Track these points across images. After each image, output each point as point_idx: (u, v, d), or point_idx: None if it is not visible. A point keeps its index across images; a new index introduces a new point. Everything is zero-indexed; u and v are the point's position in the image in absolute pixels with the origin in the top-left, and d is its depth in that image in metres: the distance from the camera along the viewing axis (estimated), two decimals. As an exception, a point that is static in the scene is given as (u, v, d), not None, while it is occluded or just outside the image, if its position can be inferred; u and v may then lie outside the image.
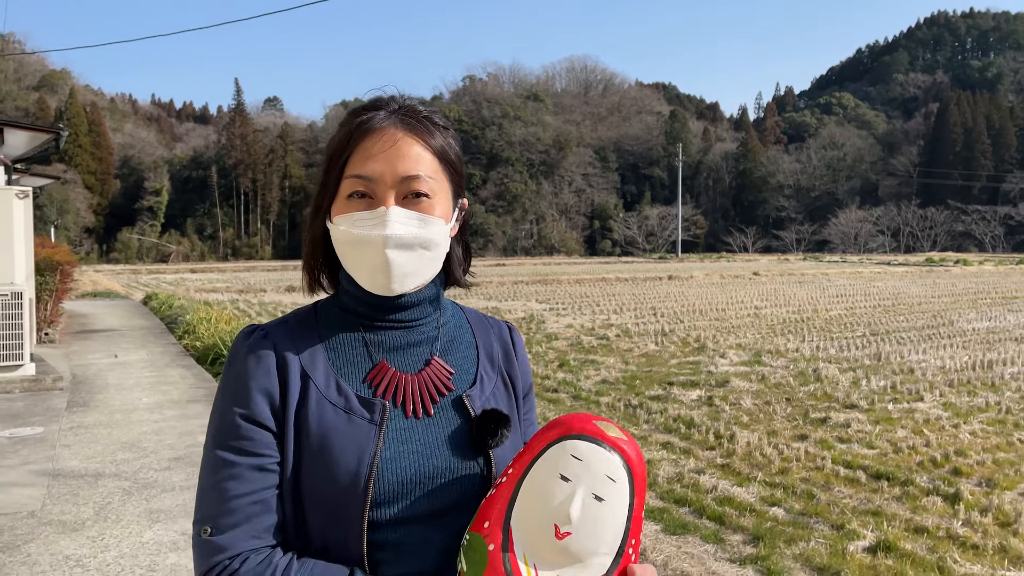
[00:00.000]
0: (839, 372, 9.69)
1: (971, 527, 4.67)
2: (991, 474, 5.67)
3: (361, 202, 1.01)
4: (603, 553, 0.92)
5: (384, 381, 1.03)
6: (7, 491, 4.47)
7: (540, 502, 0.92)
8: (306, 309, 1.10)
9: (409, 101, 1.07)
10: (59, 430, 5.95)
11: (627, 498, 0.93)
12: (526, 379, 1.19)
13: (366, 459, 0.96)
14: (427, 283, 1.07)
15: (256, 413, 0.98)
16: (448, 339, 1.11)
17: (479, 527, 0.94)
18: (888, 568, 4.08)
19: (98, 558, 3.47)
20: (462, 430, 1.03)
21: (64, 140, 10.14)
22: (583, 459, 0.92)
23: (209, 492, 0.96)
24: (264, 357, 1.01)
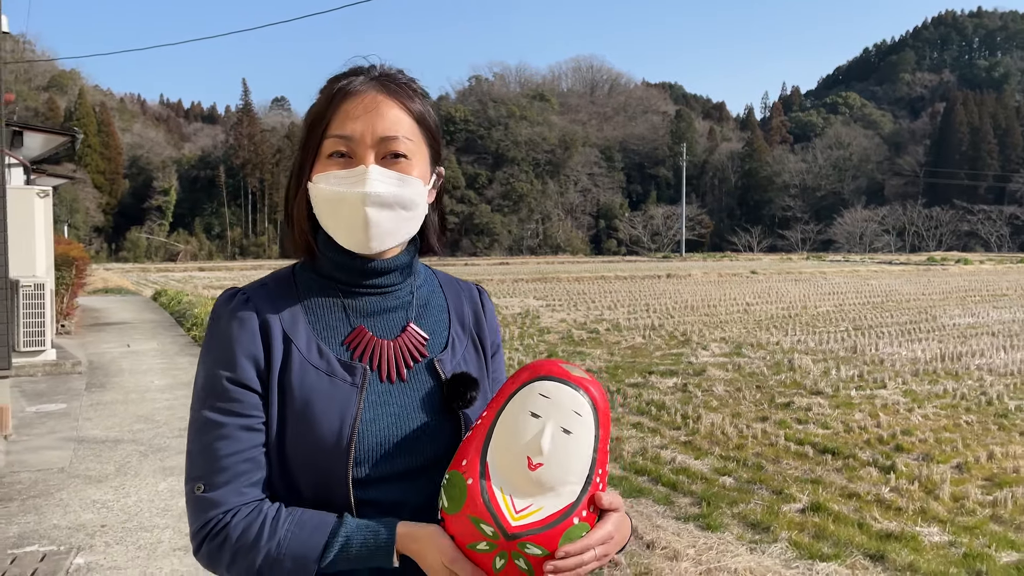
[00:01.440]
0: (812, 363, 10.19)
1: (898, 493, 5.19)
2: (930, 450, 6.18)
3: (341, 161, 1.03)
4: (572, 482, 0.97)
5: (362, 345, 1.06)
6: (38, 453, 5.10)
7: (513, 438, 0.97)
8: (284, 272, 1.13)
9: (389, 68, 1.09)
10: (80, 406, 6.58)
11: (593, 431, 0.99)
12: (495, 338, 1.22)
13: (348, 420, 1.00)
14: (404, 245, 1.10)
15: (242, 375, 1.01)
16: (422, 304, 1.14)
17: (458, 465, 0.99)
18: (813, 524, 4.61)
19: (120, 502, 4.09)
20: (434, 393, 1.08)
21: (79, 142, 10.70)
22: (550, 396, 0.98)
23: (200, 452, 1.00)
24: (247, 320, 1.03)
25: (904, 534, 4.44)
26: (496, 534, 0.94)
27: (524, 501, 0.96)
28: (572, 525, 0.96)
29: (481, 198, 75.59)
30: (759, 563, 4.02)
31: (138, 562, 3.39)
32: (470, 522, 0.95)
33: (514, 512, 0.95)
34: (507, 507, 0.96)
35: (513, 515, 0.95)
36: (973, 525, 4.61)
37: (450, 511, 0.97)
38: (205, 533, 0.97)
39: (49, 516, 3.96)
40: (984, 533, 4.48)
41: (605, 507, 1.00)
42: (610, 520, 1.00)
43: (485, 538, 0.95)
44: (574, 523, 0.96)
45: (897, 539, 4.38)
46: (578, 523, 0.97)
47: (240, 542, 0.95)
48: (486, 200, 75.16)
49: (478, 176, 76.74)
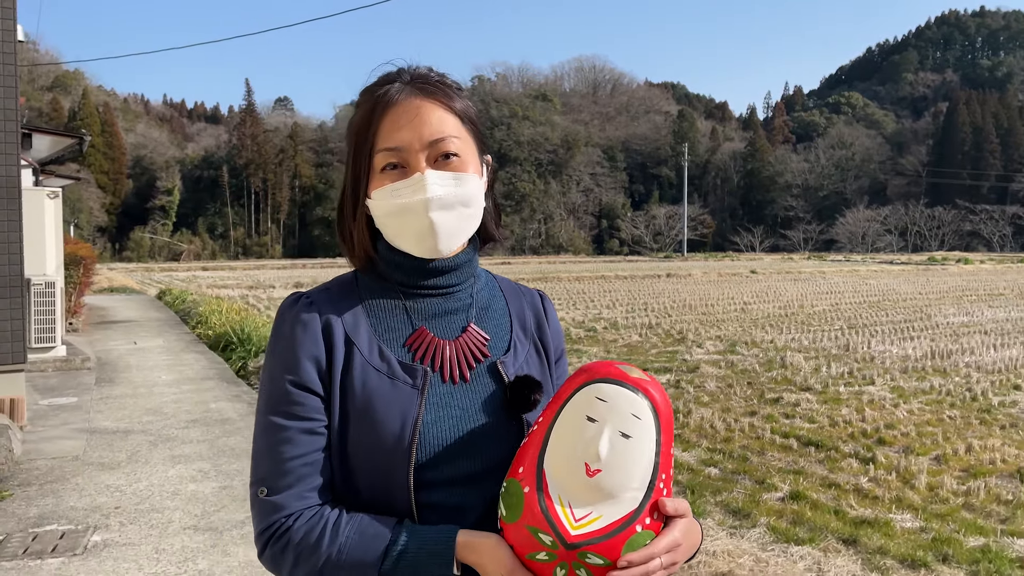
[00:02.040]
0: (804, 360, 10.40)
1: (876, 482, 5.40)
2: (911, 443, 6.39)
3: (395, 173, 1.04)
4: (634, 488, 0.94)
5: (423, 346, 1.06)
6: (53, 442, 5.35)
7: (570, 444, 0.95)
8: (347, 276, 1.14)
9: (418, 69, 1.09)
10: (91, 400, 6.83)
11: (654, 434, 0.96)
12: (558, 345, 1.21)
13: (409, 422, 1.00)
14: (467, 242, 1.11)
15: (305, 379, 1.01)
16: (482, 306, 1.14)
17: (515, 473, 0.98)
18: (792, 511, 4.82)
19: (132, 487, 4.33)
20: (497, 395, 1.07)
21: (86, 144, 10.93)
22: (607, 400, 0.96)
23: (264, 455, 1.01)
24: (310, 324, 1.04)
25: (878, 520, 4.65)
26: (555, 544, 0.92)
27: (583, 509, 0.94)
28: (635, 533, 0.93)
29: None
30: (736, 546, 4.24)
31: (151, 540, 3.64)
32: (528, 532, 0.93)
33: (573, 521, 0.93)
34: (566, 516, 0.93)
35: (572, 524, 0.93)
36: (945, 512, 4.82)
37: (508, 520, 0.96)
38: (268, 536, 0.99)
39: (66, 499, 4.23)
40: (955, 520, 4.68)
41: (670, 513, 0.97)
42: (676, 526, 0.97)
43: (544, 548, 0.93)
44: (637, 531, 0.93)
45: (871, 525, 4.59)
46: (641, 531, 0.94)
47: (302, 546, 0.96)
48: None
49: None
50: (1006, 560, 4.05)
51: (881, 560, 4.08)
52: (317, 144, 79.34)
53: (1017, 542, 4.33)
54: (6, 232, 5.40)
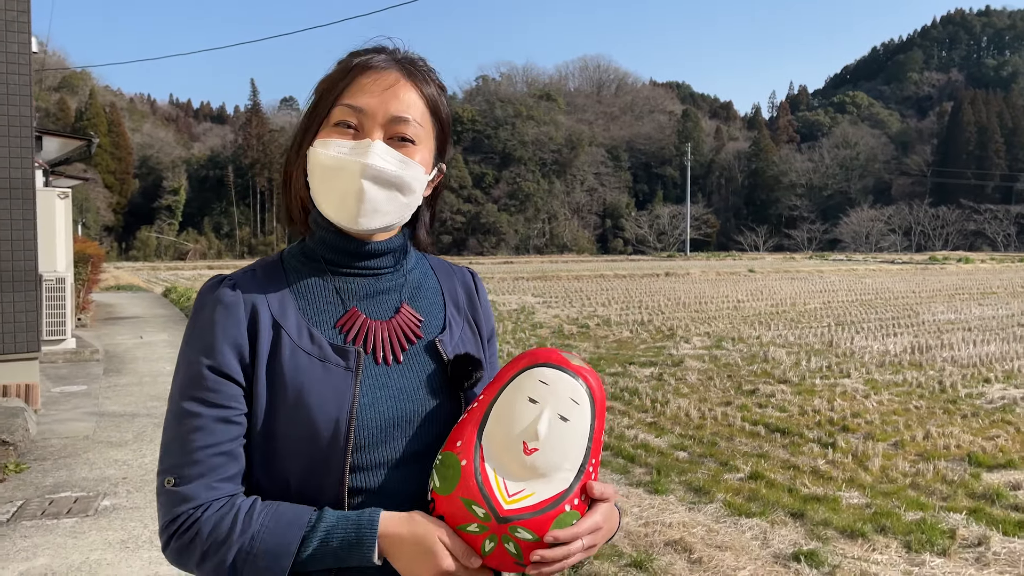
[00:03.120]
0: (786, 355, 10.75)
1: (833, 465, 5.76)
2: (873, 430, 6.74)
3: (347, 132, 1.01)
4: (566, 469, 0.97)
5: (355, 327, 1.04)
6: (66, 424, 5.79)
7: (510, 422, 0.98)
8: (272, 258, 1.10)
9: (411, 53, 1.08)
10: (99, 388, 7.29)
11: (589, 419, 0.99)
12: (489, 323, 1.20)
13: (345, 406, 0.97)
14: (394, 230, 1.08)
15: (223, 365, 0.98)
16: (414, 286, 1.12)
17: (452, 446, 0.99)
18: (749, 489, 5.19)
19: (138, 461, 4.76)
20: (436, 374, 1.06)
21: (95, 147, 11.34)
22: (549, 383, 0.99)
23: (174, 443, 0.96)
24: (232, 307, 1.01)
25: (827, 497, 5.02)
26: (488, 516, 0.94)
27: (517, 485, 0.96)
28: (563, 512, 0.96)
29: (488, 197, 76.10)
30: (692, 518, 4.62)
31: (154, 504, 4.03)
32: (462, 503, 0.95)
33: (507, 496, 0.96)
34: (500, 490, 0.96)
35: (506, 498, 0.95)
36: (892, 491, 5.18)
37: (442, 491, 0.97)
38: (174, 529, 0.93)
39: (78, 471, 4.67)
40: (900, 497, 5.04)
41: (596, 496, 1.00)
42: (599, 510, 0.99)
43: (476, 520, 0.95)
44: (565, 510, 0.96)
45: (820, 501, 4.95)
46: (569, 510, 0.97)
47: (211, 538, 0.92)
48: (492, 200, 75.61)
49: (485, 176, 77.30)
50: (938, 531, 4.41)
51: (823, 531, 4.45)
52: (322, 144, 79.78)
53: (952, 516, 4.69)
54: (21, 231, 5.82)
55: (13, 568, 3.28)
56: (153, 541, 3.62)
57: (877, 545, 4.28)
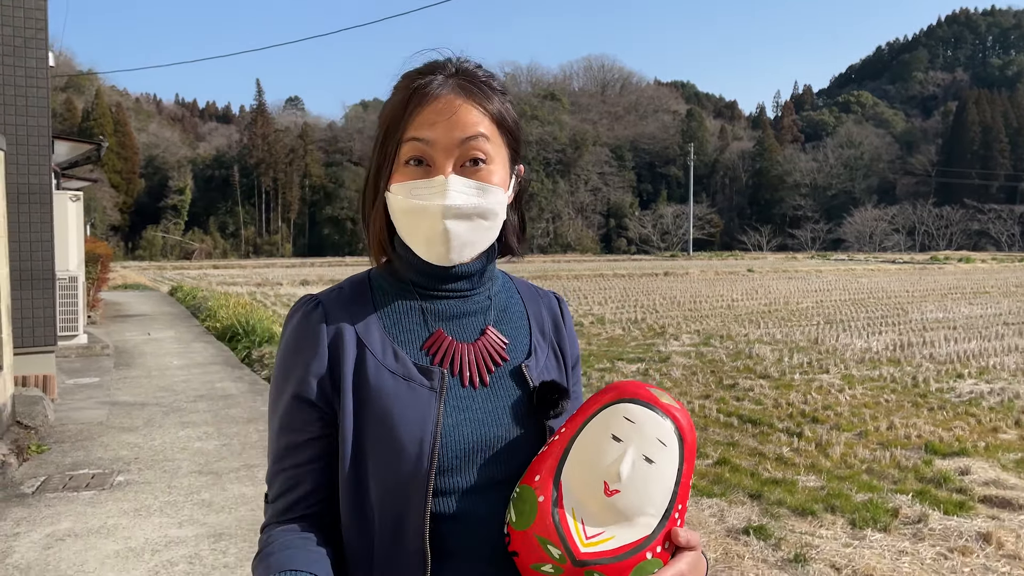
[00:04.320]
0: (770, 351, 11.12)
1: (796, 452, 6.14)
2: (840, 421, 7.11)
3: (419, 170, 1.00)
4: (650, 514, 0.93)
5: (441, 349, 1.04)
6: (81, 412, 6.26)
7: (591, 460, 0.94)
8: (360, 277, 1.11)
9: (465, 64, 1.06)
10: (111, 380, 7.77)
11: (676, 463, 0.95)
12: (574, 350, 1.19)
13: (429, 426, 0.97)
14: (480, 254, 1.07)
15: (302, 389, 1.00)
16: (500, 309, 1.12)
17: (530, 480, 0.96)
18: (715, 473, 5.58)
19: (149, 444, 5.22)
20: (521, 400, 1.04)
21: (104, 150, 11.75)
22: (635, 421, 0.94)
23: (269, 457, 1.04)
24: (316, 329, 1.02)
25: (786, 480, 5.40)
26: (563, 558, 0.91)
27: (596, 528, 0.93)
28: (645, 560, 0.92)
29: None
30: (656, 499, 5.01)
31: (164, 479, 4.51)
32: (537, 541, 0.93)
33: (584, 538, 0.92)
34: (577, 532, 0.92)
35: (583, 541, 0.92)
36: (847, 476, 5.56)
37: (517, 527, 0.94)
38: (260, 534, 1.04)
39: (94, 452, 5.14)
40: (854, 481, 5.42)
41: (682, 544, 0.96)
42: (684, 559, 0.95)
43: (552, 560, 0.92)
44: (647, 558, 0.93)
45: (778, 484, 5.34)
46: (651, 558, 0.93)
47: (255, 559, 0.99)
48: (496, 199, 75.92)
49: None
50: (882, 510, 4.79)
51: (777, 509, 4.84)
52: (327, 144, 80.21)
53: (899, 497, 5.07)
54: (40, 232, 6.26)
55: (40, 530, 3.76)
56: (163, 510, 4.10)
57: (825, 522, 4.67)
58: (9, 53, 5.84)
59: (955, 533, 4.47)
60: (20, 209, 6.06)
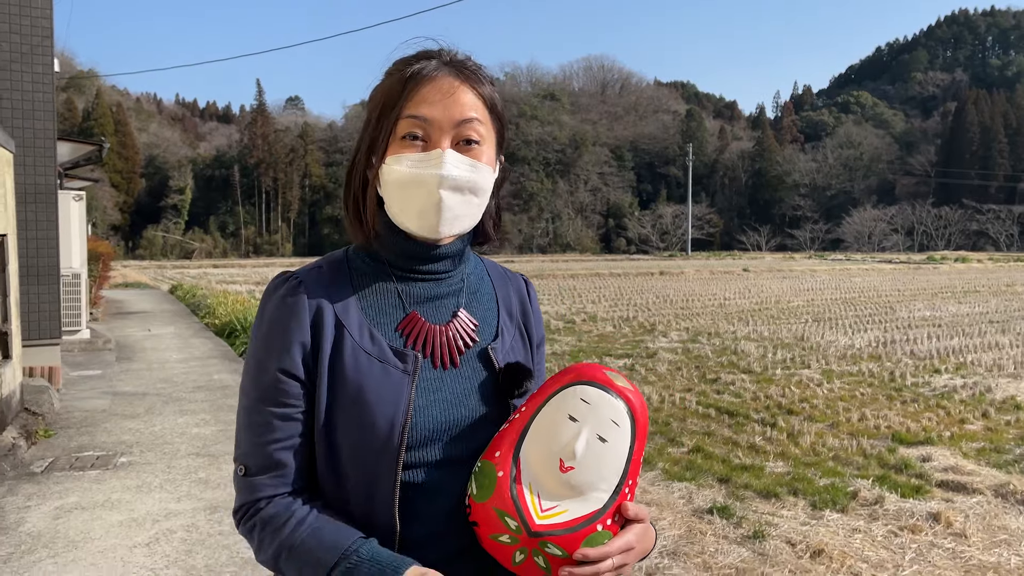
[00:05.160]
0: (755, 348, 11.39)
1: (768, 441, 6.41)
2: (814, 413, 7.37)
3: (416, 144, 1.03)
4: (602, 489, 0.99)
5: (415, 331, 1.07)
6: (85, 401, 6.58)
7: (548, 438, 0.99)
8: (338, 255, 1.13)
9: (456, 54, 1.09)
10: (113, 372, 8.11)
11: (628, 442, 1.01)
12: (539, 331, 1.24)
13: (401, 407, 1.01)
14: (466, 231, 1.10)
15: (287, 363, 1.02)
16: (472, 291, 1.15)
17: (491, 456, 1.01)
18: (688, 460, 5.85)
19: (149, 429, 5.55)
20: (488, 381, 1.09)
21: (106, 151, 12.02)
22: (591, 403, 1.00)
23: (242, 433, 1.04)
24: (297, 305, 1.04)
25: (754, 466, 5.67)
26: (519, 529, 0.96)
27: (551, 502, 0.98)
28: (595, 531, 0.97)
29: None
30: (630, 482, 5.30)
31: (164, 460, 4.83)
32: (495, 514, 0.98)
33: (540, 511, 0.97)
34: (533, 505, 0.97)
35: (539, 513, 0.97)
36: (814, 462, 5.82)
37: (478, 499, 1.00)
38: (241, 515, 1.03)
39: (98, 437, 5.47)
40: (819, 467, 5.69)
41: (631, 517, 1.02)
42: (632, 531, 1.01)
43: (508, 531, 0.97)
44: (597, 529, 0.98)
45: (747, 470, 5.61)
46: (601, 530, 0.98)
47: (265, 533, 1.00)
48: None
49: None
50: (843, 493, 5.07)
51: (743, 492, 5.11)
52: (327, 144, 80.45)
53: (860, 482, 5.34)
54: (46, 231, 6.56)
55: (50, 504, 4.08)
56: (163, 487, 4.41)
57: (787, 504, 4.95)
58: (16, 59, 6.14)
59: (908, 513, 4.75)
60: (27, 208, 6.36)
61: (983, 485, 5.26)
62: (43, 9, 6.19)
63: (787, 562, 4.03)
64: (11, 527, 3.81)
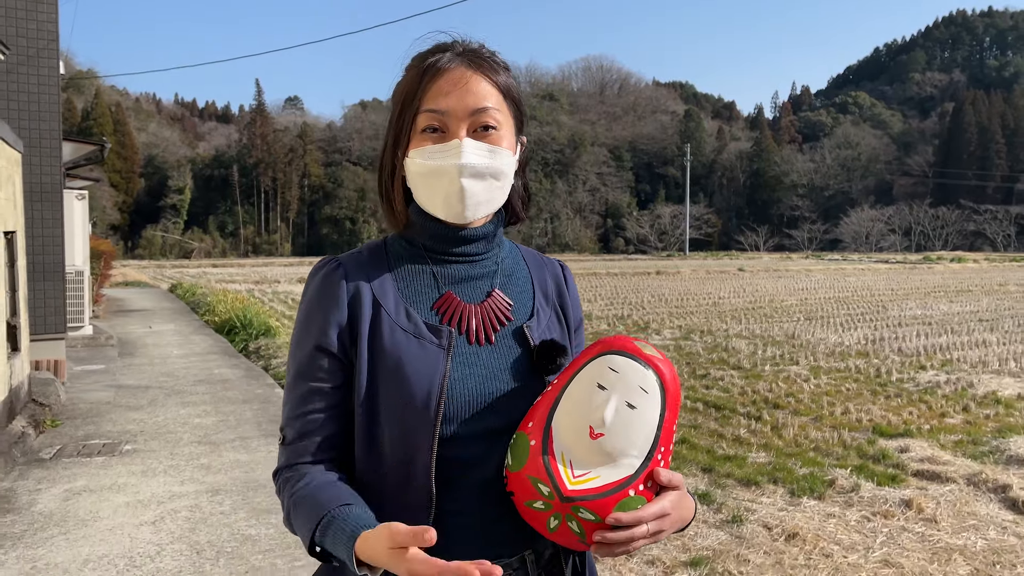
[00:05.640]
0: (746, 345, 11.58)
1: (752, 433, 6.60)
2: (799, 407, 7.56)
3: (434, 136, 1.09)
4: (633, 455, 1.00)
5: (450, 310, 1.12)
6: (90, 393, 6.81)
7: (579, 407, 1.02)
8: (377, 242, 1.20)
9: (470, 43, 1.15)
10: (116, 367, 8.34)
11: (658, 409, 1.02)
12: (577, 314, 1.27)
13: (437, 379, 1.06)
14: (493, 214, 1.16)
15: (323, 341, 1.09)
16: (506, 274, 1.20)
17: (524, 427, 1.05)
18: (673, 451, 6.05)
19: (152, 419, 5.77)
20: (522, 358, 1.13)
21: (107, 151, 12.19)
22: (619, 371, 1.02)
23: (286, 405, 1.12)
24: (335, 286, 1.11)
25: (737, 457, 5.86)
26: (552, 495, 0.99)
27: (583, 468, 1.00)
28: (627, 496, 0.99)
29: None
30: (616, 471, 5.49)
31: (167, 448, 5.06)
32: (529, 481, 1.00)
33: (572, 477, 0.99)
34: (566, 472, 1.00)
35: (571, 480, 0.99)
36: (795, 453, 6.01)
37: (513, 469, 1.03)
38: (276, 476, 1.12)
39: (104, 426, 5.70)
40: (800, 458, 5.87)
41: (664, 484, 1.02)
42: (667, 497, 1.02)
43: (542, 497, 1.00)
44: (629, 495, 0.99)
45: (730, 460, 5.80)
46: (634, 495, 0.99)
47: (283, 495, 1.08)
48: (494, 199, 76.13)
49: None
50: (820, 481, 5.26)
51: (724, 480, 5.31)
52: (326, 144, 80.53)
53: (837, 471, 5.53)
54: (52, 229, 6.76)
55: (59, 487, 4.31)
56: (167, 472, 4.64)
57: (767, 491, 5.14)
58: (23, 63, 6.34)
59: (881, 500, 4.95)
60: (33, 207, 6.56)
61: (957, 474, 5.45)
62: (48, 14, 6.39)
63: (762, 544, 4.23)
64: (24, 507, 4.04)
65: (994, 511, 4.80)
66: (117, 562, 3.55)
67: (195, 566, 3.54)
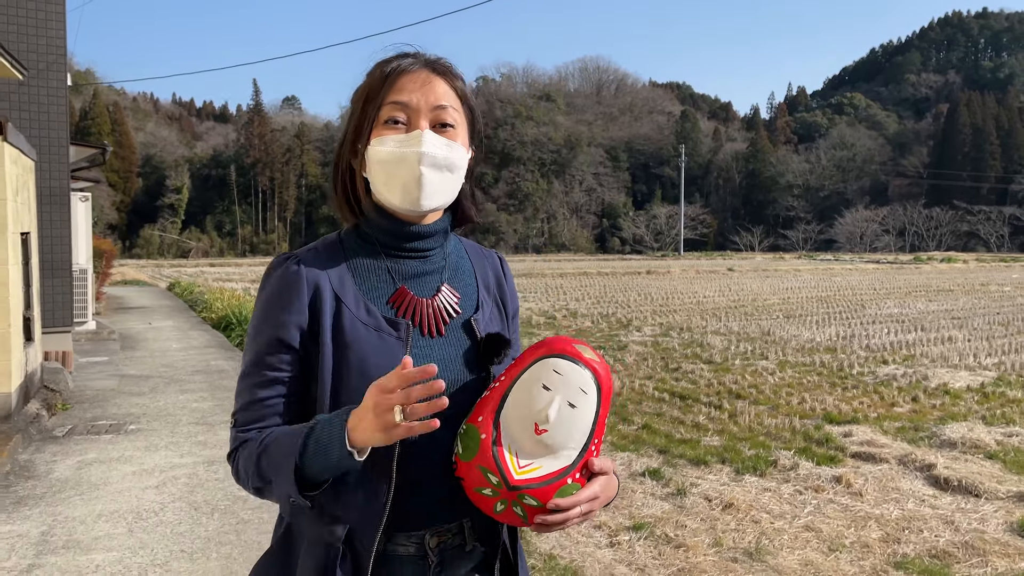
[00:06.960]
0: (720, 341, 12.08)
1: (711, 420, 7.10)
2: (760, 397, 8.05)
3: (398, 128, 1.16)
4: (571, 448, 1.13)
5: (404, 304, 1.19)
6: (95, 381, 7.38)
7: (525, 405, 1.12)
8: (332, 238, 1.25)
9: (429, 55, 1.24)
10: (119, 359, 8.93)
11: (595, 407, 1.14)
12: (514, 303, 1.37)
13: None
14: (445, 206, 1.23)
15: (281, 333, 1.14)
16: (453, 268, 1.28)
17: (474, 420, 1.14)
18: (635, 435, 6.54)
19: (154, 404, 6.36)
20: (471, 349, 1.22)
21: (108, 154, 12.65)
22: (562, 374, 1.12)
23: (239, 394, 1.18)
24: (295, 281, 1.16)
25: (692, 440, 6.36)
26: (500, 484, 1.10)
27: (527, 460, 1.11)
28: (565, 484, 1.11)
29: (487, 197, 76.71)
30: (579, 452, 5.99)
31: (167, 427, 5.64)
32: (479, 471, 1.11)
33: (518, 467, 1.10)
34: (512, 463, 1.11)
35: (517, 470, 1.10)
36: (746, 437, 6.50)
37: (464, 458, 1.13)
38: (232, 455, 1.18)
39: (110, 410, 6.28)
40: (750, 441, 6.37)
41: (596, 471, 1.14)
42: (598, 482, 1.14)
43: (490, 485, 1.11)
44: (567, 482, 1.11)
45: (685, 443, 6.29)
46: (571, 483, 1.11)
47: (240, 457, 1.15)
48: (492, 199, 76.33)
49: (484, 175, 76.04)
50: (764, 461, 5.76)
51: (676, 460, 5.80)
52: (324, 143, 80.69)
53: (782, 452, 6.02)
54: (60, 229, 7.26)
55: (73, 459, 4.88)
56: (168, 447, 5.24)
57: (713, 470, 5.64)
58: (35, 76, 6.84)
59: (815, 477, 5.45)
60: (43, 209, 7.07)
61: (891, 456, 5.94)
62: (57, 30, 6.89)
63: (700, 512, 4.74)
64: (42, 475, 4.64)
65: (917, 487, 5.29)
66: (126, 516, 4.16)
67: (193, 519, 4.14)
